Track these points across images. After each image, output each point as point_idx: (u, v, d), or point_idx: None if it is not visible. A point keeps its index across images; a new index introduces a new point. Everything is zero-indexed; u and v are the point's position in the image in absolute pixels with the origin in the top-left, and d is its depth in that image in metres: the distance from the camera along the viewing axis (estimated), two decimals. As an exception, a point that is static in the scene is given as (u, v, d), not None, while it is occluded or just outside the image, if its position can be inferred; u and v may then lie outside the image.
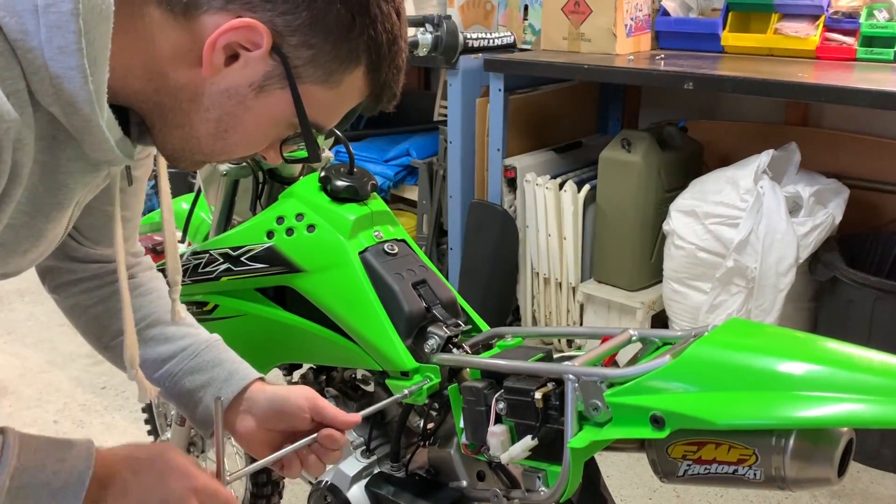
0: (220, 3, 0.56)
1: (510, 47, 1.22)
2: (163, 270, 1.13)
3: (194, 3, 0.56)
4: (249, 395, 0.81)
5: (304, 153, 0.65)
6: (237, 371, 0.82)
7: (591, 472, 0.92)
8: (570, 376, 0.76)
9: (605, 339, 0.85)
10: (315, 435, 0.77)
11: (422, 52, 1.11)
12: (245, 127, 0.61)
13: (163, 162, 0.76)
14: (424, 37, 1.10)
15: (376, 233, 1.01)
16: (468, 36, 1.15)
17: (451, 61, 1.12)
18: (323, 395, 1.13)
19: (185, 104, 0.60)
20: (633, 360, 0.83)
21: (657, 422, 0.70)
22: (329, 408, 0.79)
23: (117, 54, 0.55)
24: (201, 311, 1.10)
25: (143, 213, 0.94)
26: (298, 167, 1.12)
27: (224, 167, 1.09)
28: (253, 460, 0.79)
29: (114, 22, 0.54)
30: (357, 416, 0.80)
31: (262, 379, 0.83)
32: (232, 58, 0.57)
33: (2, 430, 0.63)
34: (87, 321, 0.85)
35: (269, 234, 1.01)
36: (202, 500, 0.68)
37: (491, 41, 1.19)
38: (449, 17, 1.13)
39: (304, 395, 0.79)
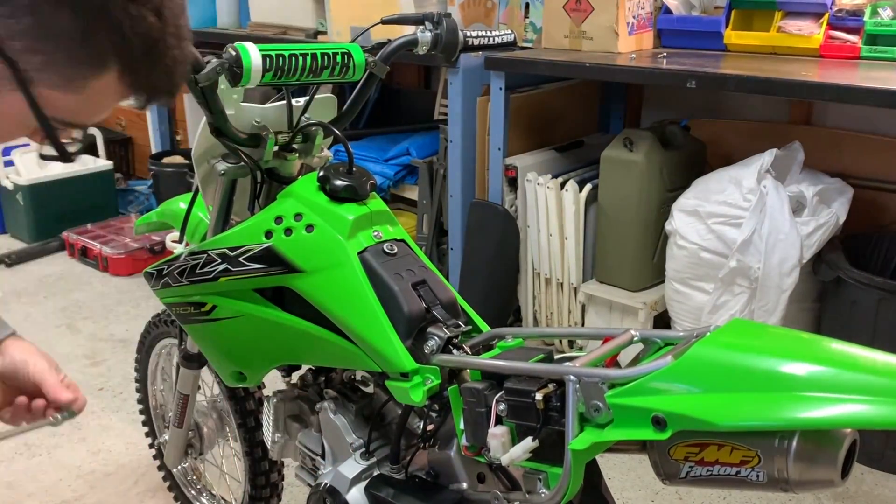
0: None
1: (511, 45, 1.21)
2: (159, 271, 1.12)
3: None
4: None
5: (78, 147, 0.65)
6: None
7: (593, 474, 0.91)
8: (572, 377, 0.76)
9: (606, 339, 0.85)
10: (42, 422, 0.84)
11: (421, 50, 1.10)
12: None
13: None
14: (424, 35, 1.09)
15: (376, 233, 1.00)
16: (468, 34, 1.14)
17: (451, 59, 1.11)
18: (321, 396, 1.13)
19: None
20: (635, 361, 0.83)
21: (659, 423, 0.69)
22: (48, 384, 0.84)
23: None
24: (199, 311, 1.09)
25: (141, 213, 0.94)
26: (297, 166, 1.11)
27: (222, 166, 1.08)
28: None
29: None
30: (72, 395, 0.85)
31: (14, 335, 0.87)
32: None
33: None
34: None
35: (268, 234, 1.00)
36: None
37: (491, 39, 1.17)
38: (449, 16, 1.11)
39: (33, 365, 0.84)
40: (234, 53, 0.93)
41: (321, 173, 1.02)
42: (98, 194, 3.24)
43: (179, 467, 1.53)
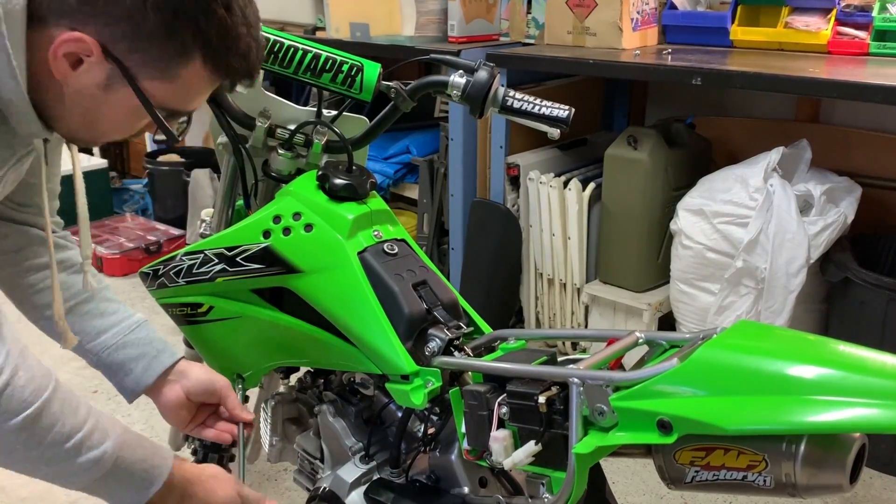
0: (56, 18, 0.68)
1: (563, 122, 1.01)
2: (155, 271, 1.12)
3: (42, 19, 0.67)
4: (178, 369, 0.98)
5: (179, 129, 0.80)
6: (165, 349, 0.99)
7: (597, 478, 0.90)
8: (575, 380, 0.75)
9: (610, 341, 0.84)
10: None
11: (451, 93, 1.00)
12: (107, 118, 0.74)
13: (75, 151, 0.87)
14: (456, 80, 1.00)
15: (376, 232, 0.99)
16: (510, 95, 1.01)
17: (475, 113, 1.00)
18: (321, 399, 1.12)
19: (54, 102, 0.72)
20: (640, 364, 0.82)
21: (664, 427, 0.68)
22: (231, 400, 0.98)
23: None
24: (196, 312, 1.08)
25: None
26: (292, 164, 1.10)
27: (223, 139, 1.09)
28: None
29: None
30: (250, 416, 0.99)
31: (184, 358, 1.01)
32: (79, 63, 0.69)
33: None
34: (21, 291, 0.98)
35: (266, 234, 0.99)
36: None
37: (538, 108, 1.00)
38: (492, 67, 1.00)
39: (221, 382, 0.98)
40: None
41: (320, 172, 1.01)
42: (92, 193, 3.12)
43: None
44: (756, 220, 1.73)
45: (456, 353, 0.91)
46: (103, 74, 0.70)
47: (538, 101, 1.02)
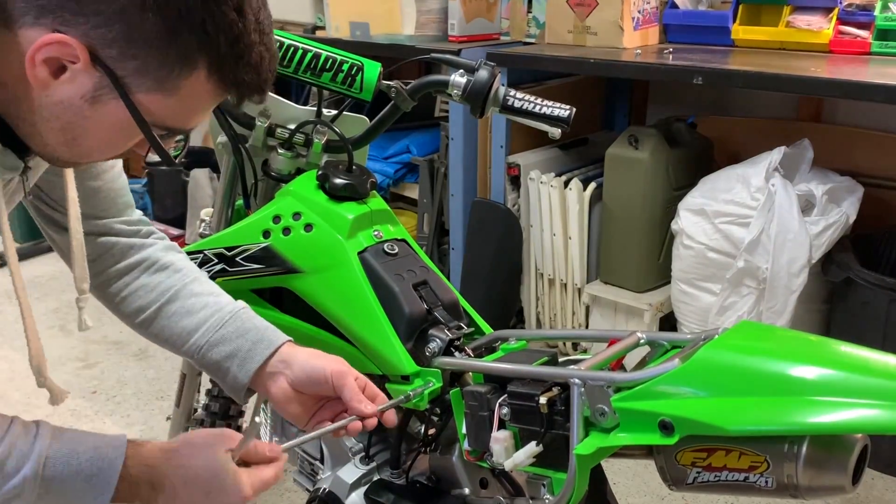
0: (32, 18, 0.58)
1: (564, 122, 1.01)
2: None
3: (9, 17, 0.58)
4: (281, 358, 0.84)
5: (176, 152, 0.71)
6: (262, 339, 0.85)
7: (597, 479, 0.90)
8: (576, 381, 0.74)
9: (611, 341, 0.84)
10: (344, 422, 0.80)
11: (452, 92, 1.00)
12: (92, 134, 0.64)
13: (70, 175, 0.78)
14: (457, 80, 1.00)
15: (376, 232, 0.99)
16: (510, 94, 1.01)
17: (475, 113, 1.00)
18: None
19: (26, 115, 0.62)
20: (641, 364, 0.82)
21: (666, 427, 0.68)
22: (348, 390, 0.81)
23: None
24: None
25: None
26: (292, 164, 1.09)
27: (222, 138, 1.08)
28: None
29: None
30: (374, 408, 0.81)
31: (291, 341, 0.86)
32: (61, 70, 0.60)
33: (36, 422, 0.69)
34: (109, 302, 0.90)
35: (266, 234, 0.99)
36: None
37: (538, 107, 1.00)
38: (492, 66, 1.00)
39: (332, 368, 0.82)
40: None
41: (320, 171, 1.00)
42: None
43: None
44: (757, 220, 1.72)
45: (456, 354, 0.91)
46: (90, 84, 0.60)
47: (539, 100, 1.02)
